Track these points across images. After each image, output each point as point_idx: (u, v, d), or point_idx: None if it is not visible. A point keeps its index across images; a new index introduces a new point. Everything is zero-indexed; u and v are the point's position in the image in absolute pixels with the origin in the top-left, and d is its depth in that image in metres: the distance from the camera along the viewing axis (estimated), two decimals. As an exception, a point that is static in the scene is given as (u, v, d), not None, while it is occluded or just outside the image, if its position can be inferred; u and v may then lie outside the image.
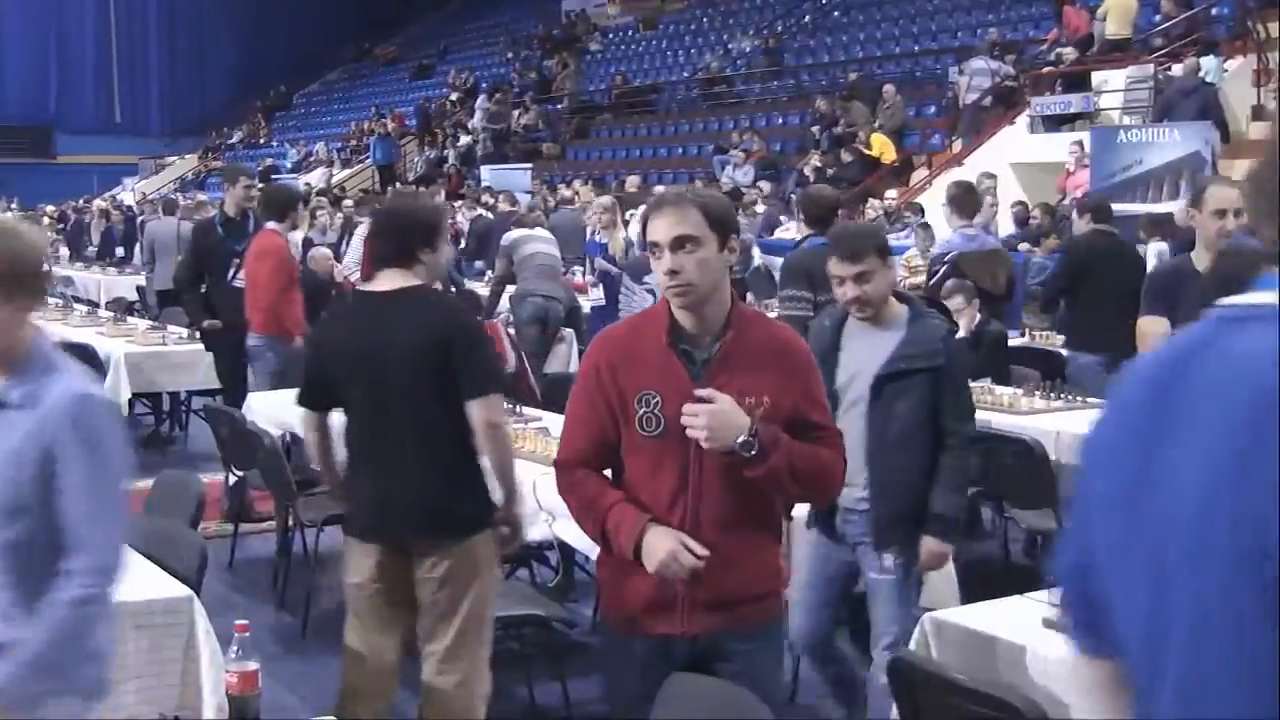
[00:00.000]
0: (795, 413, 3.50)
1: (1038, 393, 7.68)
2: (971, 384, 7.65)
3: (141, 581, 4.24)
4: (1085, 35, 19.63)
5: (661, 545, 3.41)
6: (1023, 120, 19.44)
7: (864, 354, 4.61)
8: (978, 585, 5.52)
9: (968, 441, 4.69)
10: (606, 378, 3.54)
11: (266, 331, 8.76)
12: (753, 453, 3.37)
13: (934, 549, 4.66)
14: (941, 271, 8.95)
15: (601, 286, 11.06)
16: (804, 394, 3.56)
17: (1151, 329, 5.55)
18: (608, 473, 3.64)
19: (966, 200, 8.99)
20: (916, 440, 4.58)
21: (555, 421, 6.93)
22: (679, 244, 3.42)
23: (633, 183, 20.99)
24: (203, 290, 9.74)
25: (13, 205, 26.65)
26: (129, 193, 34.35)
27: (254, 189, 9.70)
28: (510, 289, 11.84)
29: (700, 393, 3.39)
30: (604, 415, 3.55)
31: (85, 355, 10.35)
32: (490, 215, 18.07)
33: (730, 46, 28.65)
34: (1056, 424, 6.98)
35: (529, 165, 26.56)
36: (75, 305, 14.10)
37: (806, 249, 7.26)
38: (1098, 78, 18.57)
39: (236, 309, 9.11)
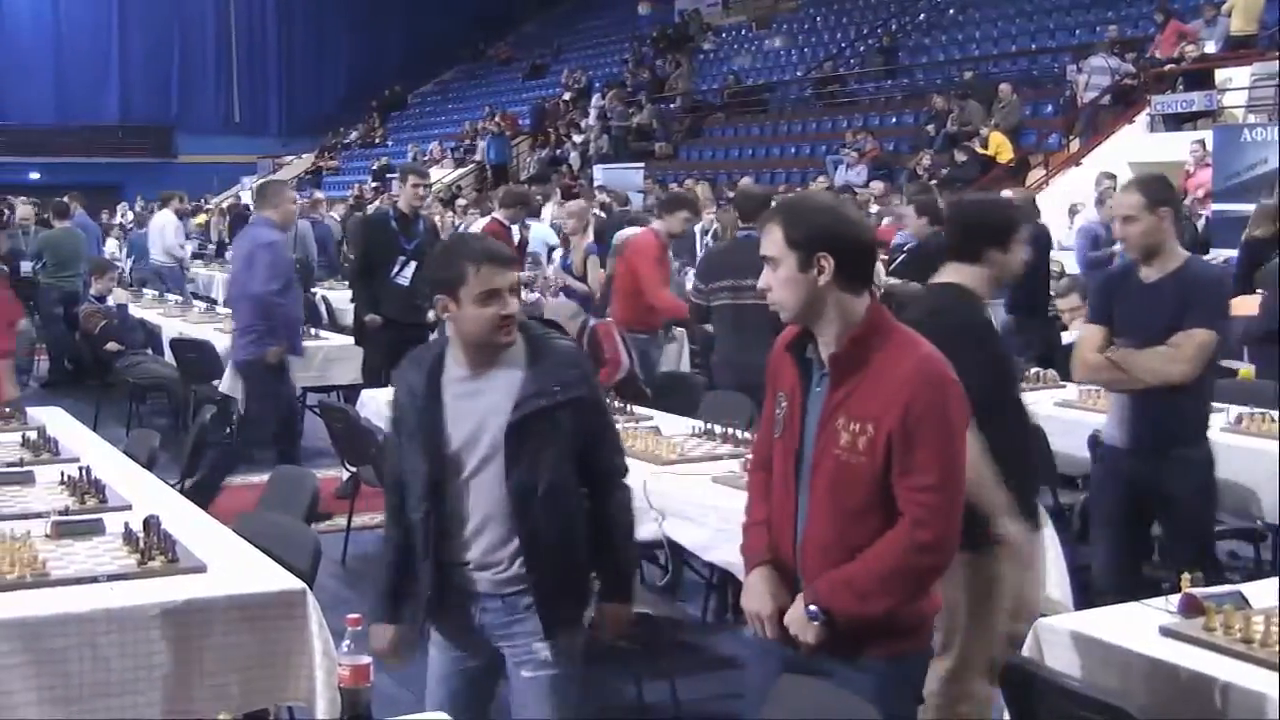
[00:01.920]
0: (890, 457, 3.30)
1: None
2: (1084, 388, 7.59)
3: (256, 575, 4.30)
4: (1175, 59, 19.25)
5: (750, 601, 3.55)
6: (1142, 119, 19.12)
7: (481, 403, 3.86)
8: (1094, 591, 5.43)
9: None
10: (773, 374, 3.59)
11: None
12: (822, 621, 3.36)
13: (622, 614, 4.06)
14: (900, 260, 9.94)
15: (562, 296, 10.78)
16: (900, 437, 3.29)
17: (1086, 337, 5.37)
18: None
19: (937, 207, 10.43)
20: (569, 491, 3.88)
21: (666, 421, 6.93)
22: (767, 263, 3.44)
23: (746, 184, 20.90)
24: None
25: (135, 205, 27.14)
26: (247, 191, 34.89)
27: (423, 188, 9.85)
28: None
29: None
30: (773, 414, 3.59)
31: (203, 352, 10.54)
32: (604, 214, 18.11)
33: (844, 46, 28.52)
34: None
35: (641, 165, 26.59)
36: (194, 302, 14.35)
37: (738, 240, 8.28)
38: (1221, 75, 18.22)
39: (399, 305, 9.27)
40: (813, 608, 3.34)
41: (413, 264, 9.46)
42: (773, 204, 6.55)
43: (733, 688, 5.76)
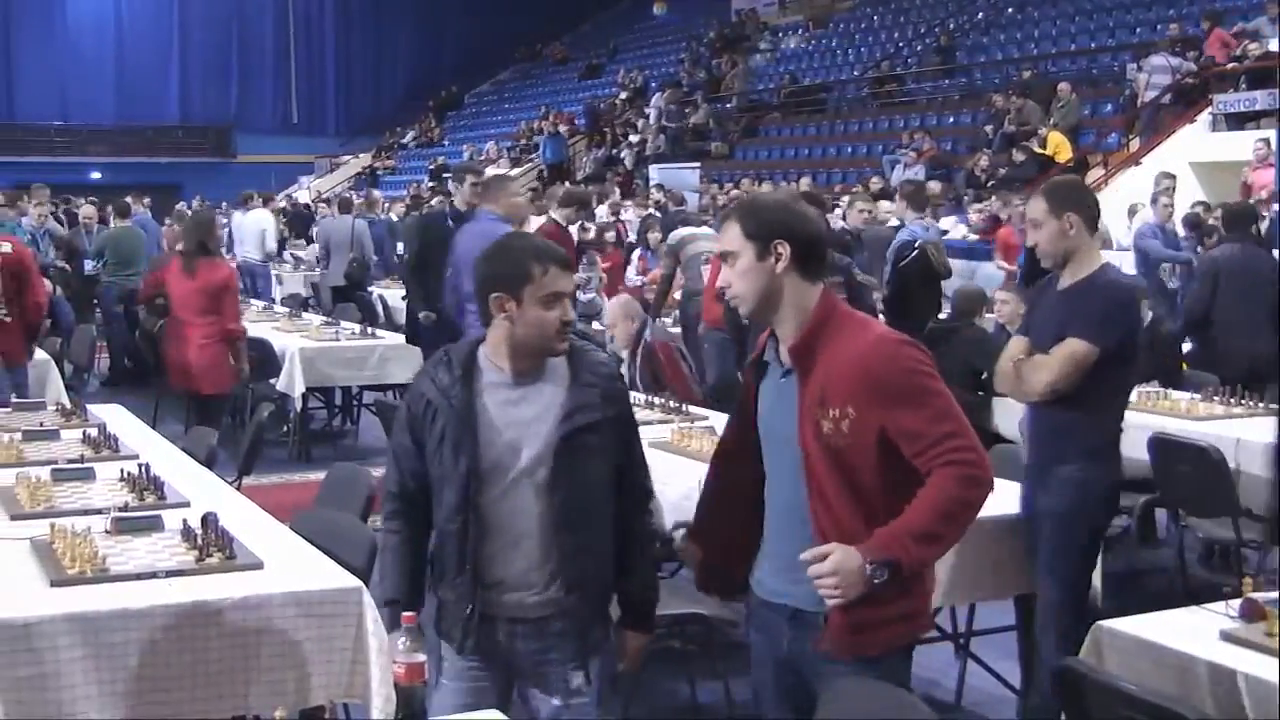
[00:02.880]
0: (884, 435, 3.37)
1: (1216, 398, 7.46)
2: (1143, 387, 7.54)
3: (311, 572, 4.32)
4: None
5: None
6: (1204, 118, 18.92)
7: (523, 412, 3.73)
8: (1151, 594, 5.39)
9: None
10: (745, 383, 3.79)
11: None
12: (887, 576, 3.31)
13: (642, 644, 3.92)
14: (912, 256, 10.29)
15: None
16: (889, 418, 3.36)
17: (1009, 346, 5.20)
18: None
19: (918, 196, 11.27)
20: (607, 511, 3.75)
21: (722, 421, 6.91)
22: (725, 259, 3.57)
23: (804, 184, 20.82)
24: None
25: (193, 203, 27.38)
26: (305, 191, 35.14)
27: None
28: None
29: (805, 555, 3.37)
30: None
31: (261, 350, 10.62)
32: (659, 214, 18.13)
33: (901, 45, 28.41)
34: (1238, 430, 6.77)
35: (697, 164, 26.56)
36: (252, 301, 14.45)
37: None
38: (1285, 74, 18.00)
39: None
40: (875, 566, 3.29)
41: None
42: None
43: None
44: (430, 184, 30.10)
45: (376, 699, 4.09)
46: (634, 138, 29.83)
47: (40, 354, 9.26)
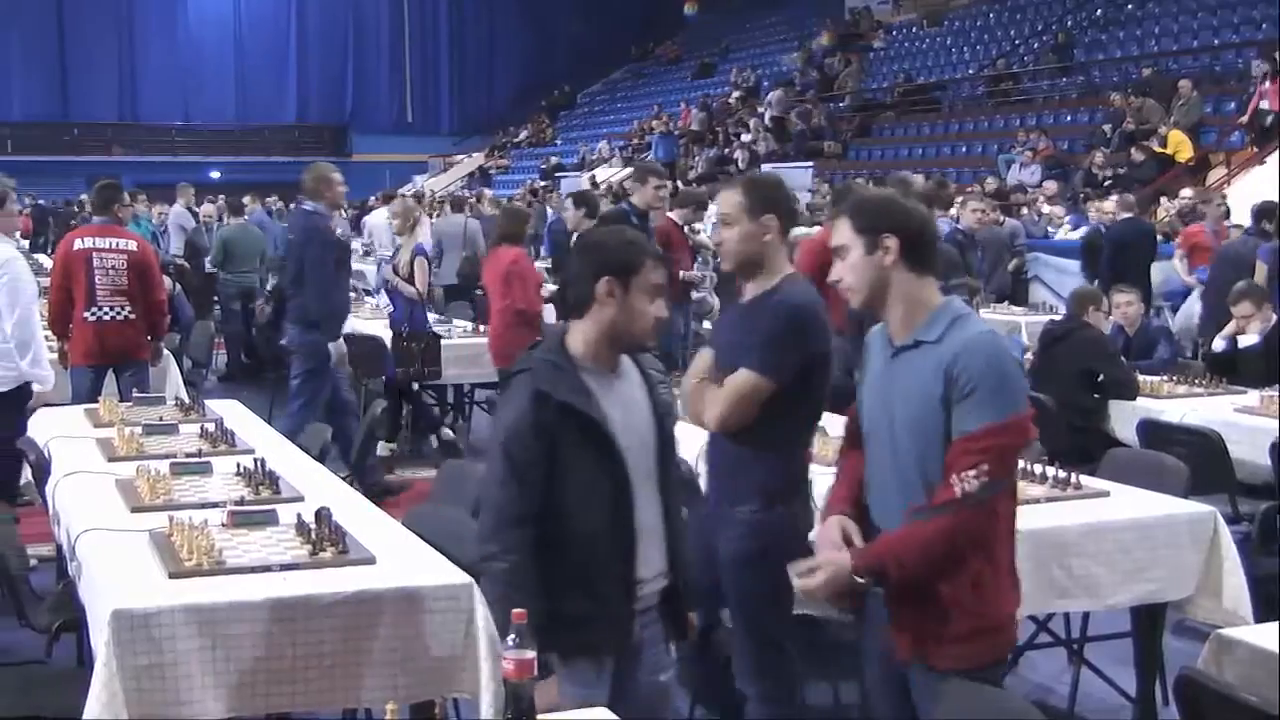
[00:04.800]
0: None
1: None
2: (1264, 393, 7.38)
3: (423, 567, 4.35)
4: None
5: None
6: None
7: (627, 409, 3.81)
8: (1272, 603, 5.28)
9: None
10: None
11: None
12: (871, 580, 3.46)
13: (693, 622, 4.06)
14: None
15: (389, 296, 10.76)
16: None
17: (695, 363, 4.68)
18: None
19: (941, 194, 10.75)
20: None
21: (831, 421, 6.86)
22: (837, 254, 3.63)
23: (918, 179, 20.60)
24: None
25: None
26: (418, 190, 35.48)
27: (665, 188, 9.84)
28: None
29: (795, 568, 3.53)
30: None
31: (374, 346, 10.73)
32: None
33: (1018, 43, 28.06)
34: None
35: (810, 164, 26.45)
36: (365, 299, 14.60)
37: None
38: None
39: None
40: (860, 578, 3.49)
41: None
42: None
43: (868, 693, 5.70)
44: (543, 183, 30.25)
45: (485, 695, 4.10)
46: (746, 137, 29.75)
47: (161, 350, 9.41)
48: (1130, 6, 26.92)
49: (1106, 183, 19.34)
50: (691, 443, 4.82)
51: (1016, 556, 3.63)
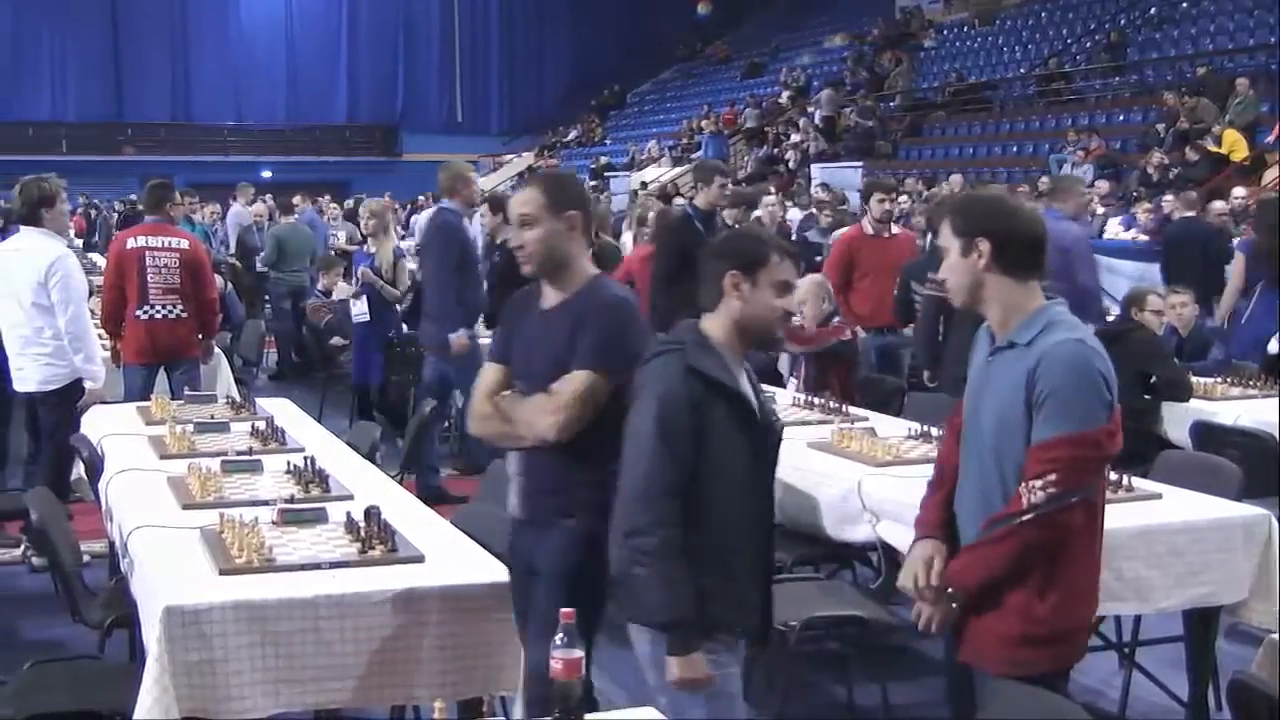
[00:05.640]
0: None
1: None
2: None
3: (472, 566, 4.36)
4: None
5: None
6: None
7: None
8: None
9: None
10: None
11: None
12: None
13: None
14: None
15: (365, 299, 10.70)
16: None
17: (482, 380, 4.44)
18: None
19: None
20: None
21: (882, 422, 6.85)
22: (943, 254, 3.71)
23: (955, 182, 20.49)
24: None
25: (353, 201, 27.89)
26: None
27: (728, 187, 9.79)
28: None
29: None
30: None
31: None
32: (818, 213, 17.99)
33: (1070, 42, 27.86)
34: None
35: (860, 164, 26.35)
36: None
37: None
38: None
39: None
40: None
41: None
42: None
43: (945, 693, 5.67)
44: (593, 183, 30.27)
45: (521, 694, 4.12)
46: (796, 137, 29.69)
47: (213, 348, 9.47)
48: (1185, 4, 26.67)
49: (1161, 183, 19.16)
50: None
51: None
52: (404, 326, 11.20)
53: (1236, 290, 10.33)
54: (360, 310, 10.70)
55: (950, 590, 3.57)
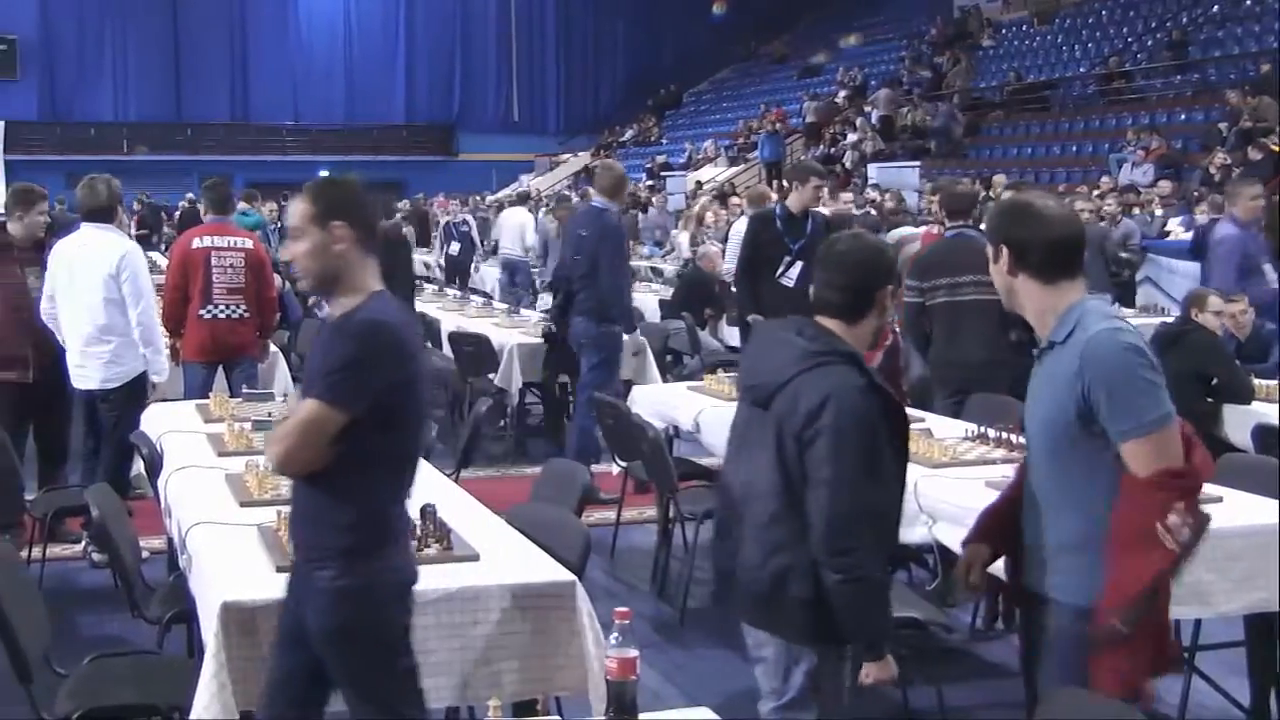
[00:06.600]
0: None
1: None
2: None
3: (527, 565, 4.37)
4: None
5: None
6: None
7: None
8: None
9: None
10: None
11: None
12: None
13: None
14: None
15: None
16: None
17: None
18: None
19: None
20: None
21: (938, 423, 6.82)
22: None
23: (998, 182, 20.22)
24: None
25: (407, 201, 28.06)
26: (524, 189, 35.68)
27: (823, 189, 9.76)
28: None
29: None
30: None
31: (480, 345, 10.80)
32: (875, 214, 17.94)
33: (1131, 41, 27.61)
34: None
35: (917, 163, 26.21)
36: (472, 298, 14.71)
37: (951, 239, 8.13)
38: None
39: (783, 307, 8.87)
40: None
41: (799, 264, 9.36)
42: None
43: (1001, 696, 5.63)
44: (649, 183, 30.28)
45: (595, 691, 4.12)
46: (853, 136, 29.59)
47: (270, 347, 9.55)
48: (1248, 2, 26.37)
49: (1223, 183, 18.95)
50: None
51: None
52: None
53: None
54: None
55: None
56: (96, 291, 7.73)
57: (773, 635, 3.90)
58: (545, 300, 15.48)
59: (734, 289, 10.24)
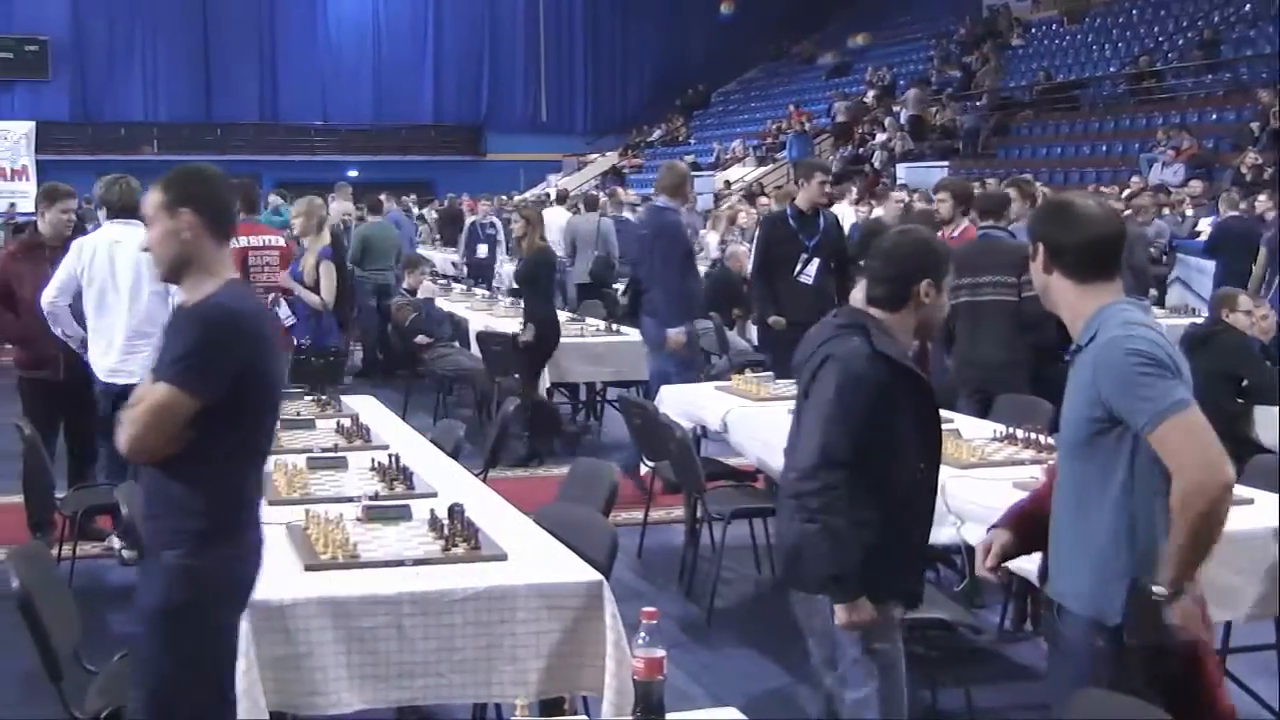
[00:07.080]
0: None
1: None
2: None
3: (554, 565, 4.37)
4: None
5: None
6: None
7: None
8: None
9: None
10: None
11: None
12: None
13: None
14: None
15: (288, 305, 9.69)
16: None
17: (140, 390, 3.88)
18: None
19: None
20: None
21: (967, 423, 6.79)
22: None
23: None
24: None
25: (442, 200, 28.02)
26: (552, 189, 35.69)
27: (828, 184, 9.81)
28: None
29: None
30: None
31: (507, 345, 10.81)
32: (905, 212, 17.87)
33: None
34: None
35: (946, 163, 26.12)
36: (499, 297, 14.72)
37: (978, 239, 8.36)
38: None
39: (801, 305, 8.86)
40: None
41: (816, 261, 9.35)
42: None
43: (1030, 698, 5.61)
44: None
45: (610, 693, 4.12)
46: (881, 136, 29.51)
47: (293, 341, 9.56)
48: (1280, 1, 26.24)
49: (1255, 184, 18.84)
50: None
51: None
52: (337, 331, 10.46)
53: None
54: (286, 314, 9.67)
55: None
56: (145, 284, 7.42)
57: (809, 595, 4.05)
58: (573, 299, 15.52)
59: (748, 290, 10.27)
